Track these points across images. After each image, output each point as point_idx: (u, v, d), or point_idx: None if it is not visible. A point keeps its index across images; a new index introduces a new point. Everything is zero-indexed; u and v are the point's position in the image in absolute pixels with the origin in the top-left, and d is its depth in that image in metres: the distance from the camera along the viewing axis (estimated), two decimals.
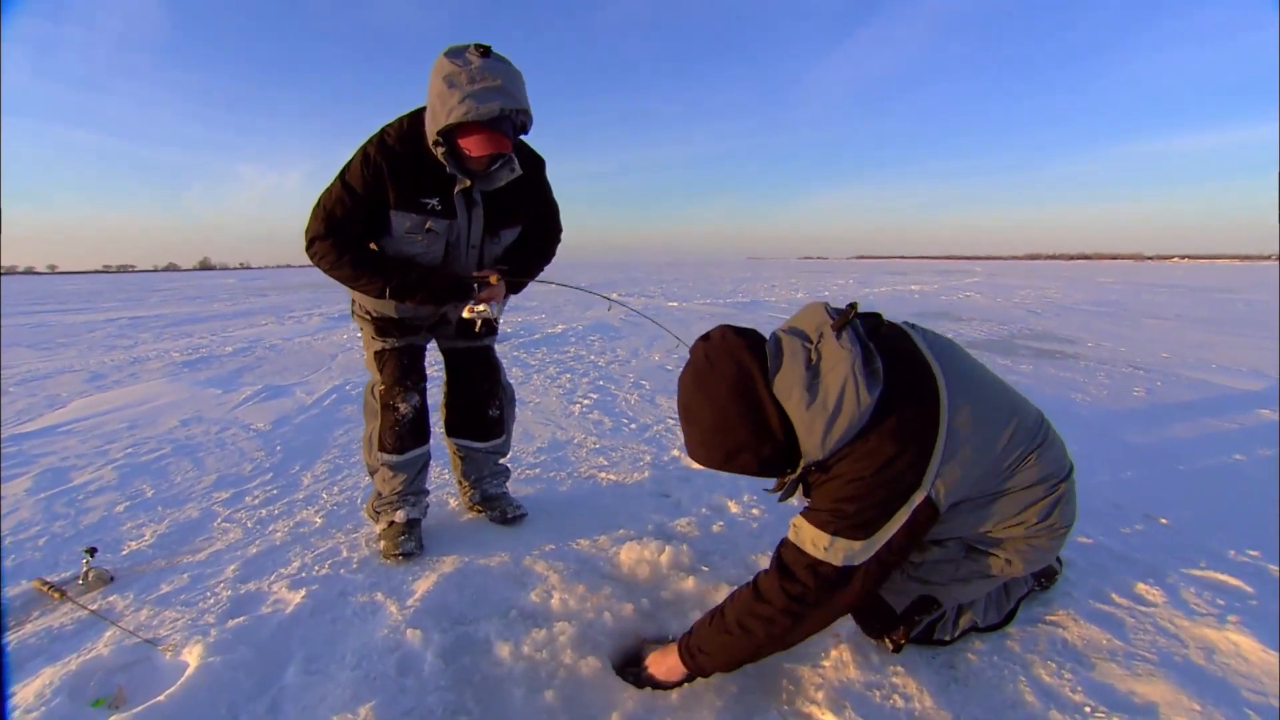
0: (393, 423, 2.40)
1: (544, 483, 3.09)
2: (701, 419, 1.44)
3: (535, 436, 3.85)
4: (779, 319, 10.29)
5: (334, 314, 11.96)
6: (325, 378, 5.67)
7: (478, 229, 2.13)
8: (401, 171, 1.98)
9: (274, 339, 8.36)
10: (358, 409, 4.49)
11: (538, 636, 1.80)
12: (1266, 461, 3.34)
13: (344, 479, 3.14)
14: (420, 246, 2.09)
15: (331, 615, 1.94)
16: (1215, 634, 1.79)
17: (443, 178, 2.01)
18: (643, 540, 2.32)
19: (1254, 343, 7.64)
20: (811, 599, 1.45)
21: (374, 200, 2.00)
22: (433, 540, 2.46)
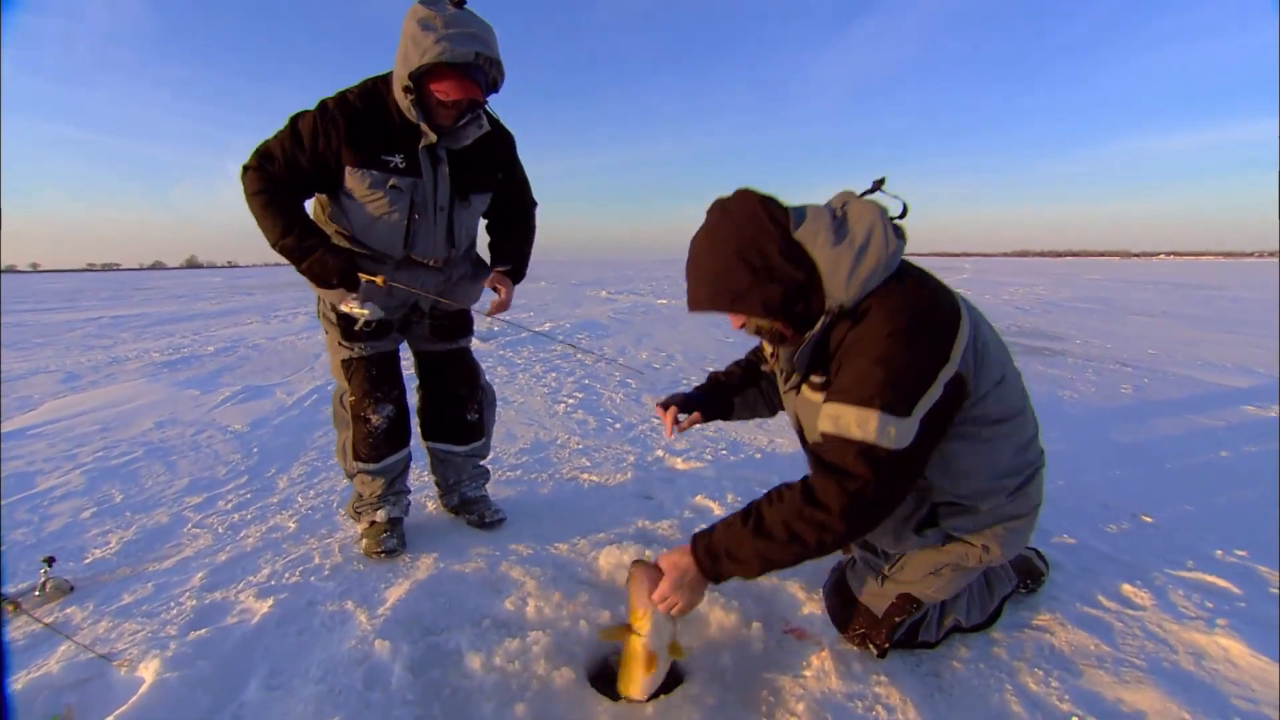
0: (365, 434, 2.33)
1: (525, 485, 3.02)
2: (710, 260, 1.42)
3: (518, 437, 3.79)
4: None
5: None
6: (307, 378, 5.58)
7: (444, 189, 2.03)
8: (362, 127, 1.90)
9: (257, 338, 8.25)
10: None
11: (510, 647, 1.75)
12: (1253, 458, 3.32)
13: (320, 482, 3.07)
14: (384, 207, 1.97)
15: (299, 626, 1.87)
16: (1204, 638, 1.76)
17: (407, 134, 1.93)
18: (623, 544, 2.27)
19: (1239, 339, 7.67)
20: (873, 494, 1.30)
21: (323, 155, 1.90)
22: (409, 545, 2.39)
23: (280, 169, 1.92)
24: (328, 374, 5.68)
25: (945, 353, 1.31)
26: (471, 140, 2.00)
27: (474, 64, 1.81)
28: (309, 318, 10.89)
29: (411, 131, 1.94)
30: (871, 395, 1.28)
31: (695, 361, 6.09)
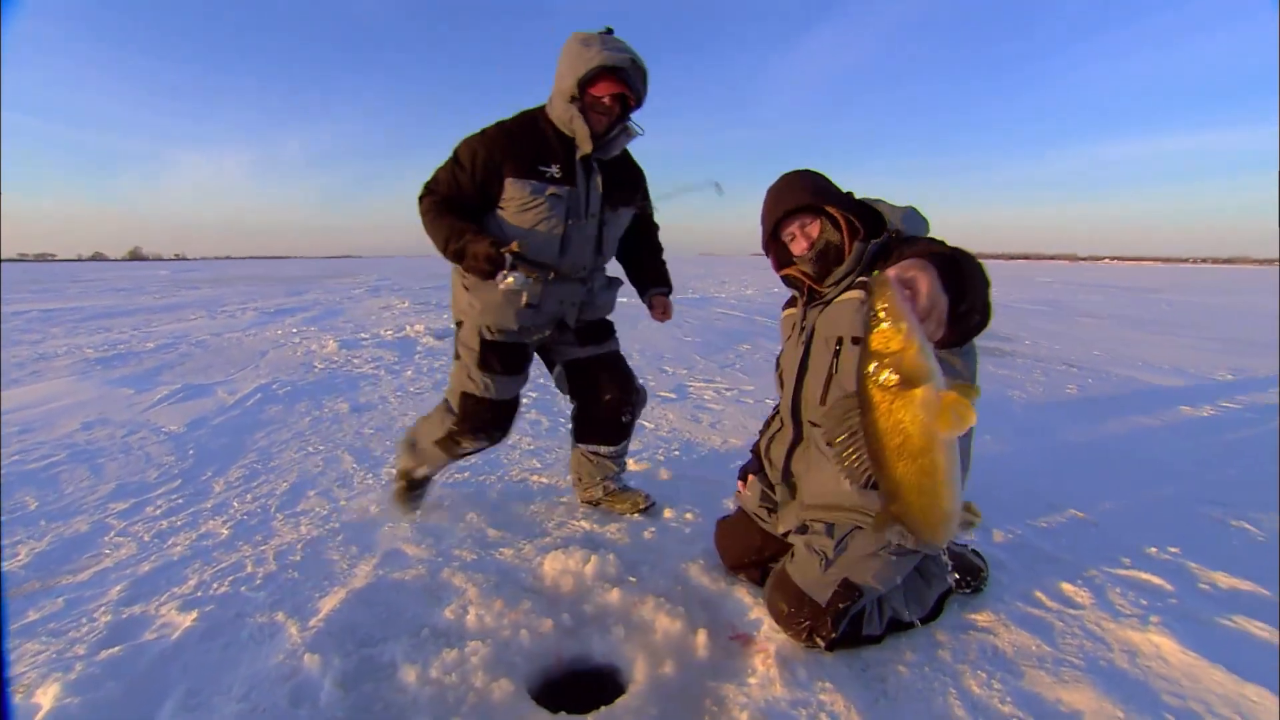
0: (449, 448, 2.44)
1: (473, 486, 2.95)
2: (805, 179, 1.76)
3: None
4: (730, 314, 10.30)
5: (270, 308, 11.49)
6: (252, 376, 5.38)
7: (596, 198, 2.16)
8: (520, 144, 2.10)
9: (201, 334, 7.94)
10: (283, 410, 4.27)
11: (448, 658, 1.68)
12: (1186, 456, 3.44)
13: (259, 485, 2.95)
14: (543, 213, 2.10)
15: (224, 640, 1.77)
16: (1138, 636, 1.79)
17: (563, 148, 2.12)
18: (568, 549, 2.22)
19: (1175, 340, 7.99)
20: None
21: (484, 172, 2.09)
22: (349, 550, 2.31)
23: (445, 190, 2.14)
24: (274, 373, 5.49)
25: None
26: (620, 151, 2.20)
27: (628, 70, 2.05)
28: (257, 313, 10.55)
29: (567, 145, 2.12)
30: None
31: (652, 361, 6.06)
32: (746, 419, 4.12)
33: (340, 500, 2.79)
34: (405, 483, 2.60)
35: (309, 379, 5.26)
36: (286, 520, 2.58)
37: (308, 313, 10.71)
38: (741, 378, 5.47)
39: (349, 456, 3.36)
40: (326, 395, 4.71)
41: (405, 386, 5.05)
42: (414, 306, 11.74)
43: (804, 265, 1.80)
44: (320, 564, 2.22)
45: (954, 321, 1.15)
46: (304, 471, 3.13)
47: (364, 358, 6.24)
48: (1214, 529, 2.56)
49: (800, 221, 1.76)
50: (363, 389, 4.96)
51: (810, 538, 1.77)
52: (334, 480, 3.03)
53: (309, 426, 3.90)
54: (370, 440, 3.66)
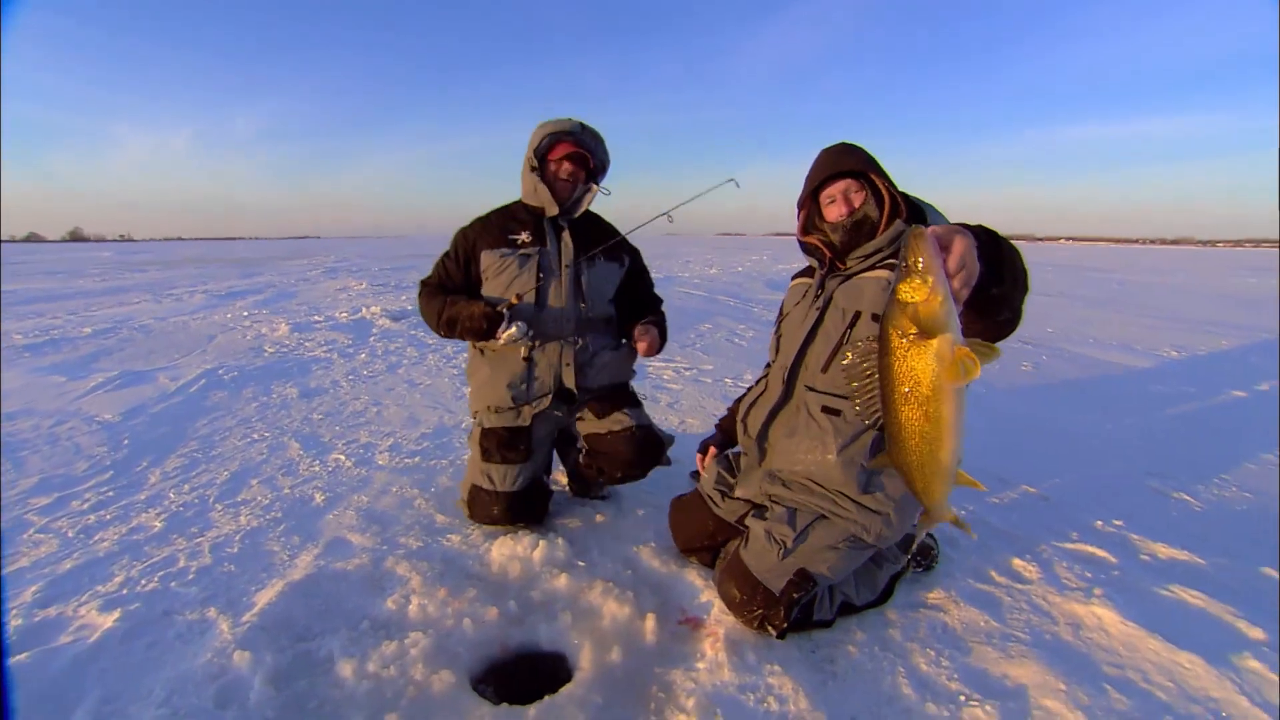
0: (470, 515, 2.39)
1: (423, 472, 2.87)
2: (860, 152, 1.71)
3: (420, 421, 3.62)
4: (692, 294, 10.27)
5: (220, 291, 11.07)
6: (197, 361, 5.17)
7: (569, 251, 2.23)
8: (492, 223, 2.28)
9: (145, 318, 7.61)
10: (228, 396, 4.11)
11: (387, 651, 1.62)
12: (1131, 430, 3.53)
13: (198, 475, 2.82)
14: (513, 271, 2.19)
15: (148, 640, 1.68)
16: (1082, 608, 1.82)
17: (531, 217, 2.26)
18: (517, 534, 2.17)
19: (1123, 318, 8.23)
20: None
21: (464, 254, 2.26)
22: (290, 540, 2.23)
23: (435, 279, 2.33)
24: (221, 358, 5.29)
25: None
26: (585, 204, 2.29)
27: (578, 135, 2.25)
28: (207, 296, 10.16)
29: (536, 215, 2.27)
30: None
31: None
32: (704, 398, 4.10)
33: (284, 489, 2.69)
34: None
35: (258, 364, 5.08)
36: (225, 511, 2.47)
37: (260, 295, 10.35)
38: (701, 357, 5.45)
39: (295, 443, 3.25)
40: (275, 380, 4.56)
41: (358, 370, 4.91)
42: (371, 288, 11.45)
43: (834, 233, 1.75)
44: (259, 556, 2.14)
45: (985, 307, 1.20)
46: (247, 460, 3.01)
47: (316, 341, 6.07)
48: (1156, 501, 2.62)
49: (847, 186, 1.73)
50: (314, 373, 4.82)
51: (770, 524, 1.74)
52: (278, 468, 2.92)
53: (255, 413, 3.76)
54: (319, 426, 3.54)
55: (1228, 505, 2.60)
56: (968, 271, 1.03)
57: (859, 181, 1.72)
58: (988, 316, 1.26)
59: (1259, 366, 5.32)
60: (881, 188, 1.70)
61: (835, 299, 1.72)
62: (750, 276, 13.92)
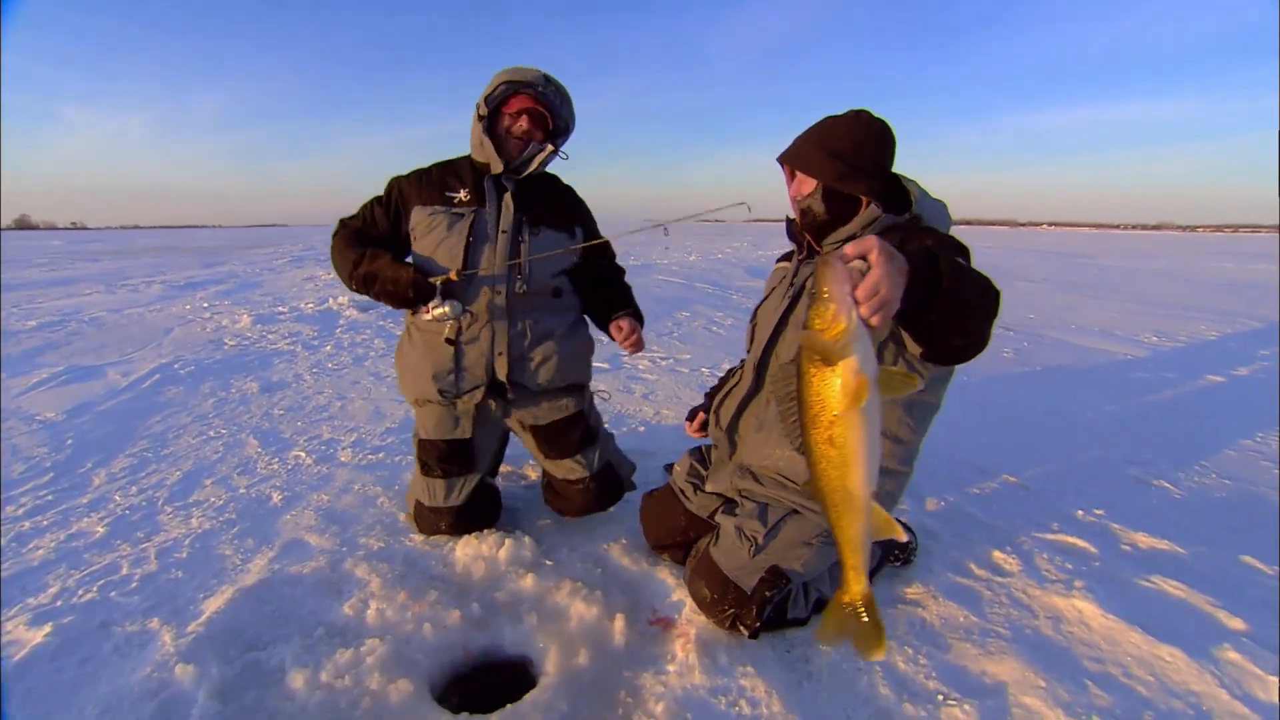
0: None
1: (387, 468, 2.80)
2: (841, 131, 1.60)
3: (386, 415, 3.54)
4: (670, 281, 10.23)
5: (179, 281, 10.80)
6: (152, 355, 5.02)
7: (508, 215, 2.00)
8: (432, 177, 2.07)
9: (97, 310, 7.38)
10: (184, 391, 4.00)
11: (342, 659, 1.57)
12: (1112, 417, 3.56)
13: (147, 476, 2.72)
14: (441, 233, 1.98)
15: (82, 655, 1.61)
16: (1063, 601, 1.82)
17: (474, 173, 2.05)
18: (482, 533, 2.12)
19: (1105, 304, 8.33)
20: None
21: (396, 205, 2.07)
22: (243, 543, 2.16)
23: (357, 223, 2.10)
24: (178, 351, 5.15)
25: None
26: (537, 164, 2.03)
27: (540, 88, 2.00)
28: (165, 287, 9.91)
29: (479, 172, 2.05)
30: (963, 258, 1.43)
31: None
32: (681, 389, 4.07)
33: (240, 488, 2.61)
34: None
35: (217, 357, 4.95)
36: (175, 513, 2.39)
37: (221, 285, 10.13)
38: (678, 346, 5.42)
39: (254, 440, 3.16)
40: (235, 374, 4.45)
41: (323, 363, 4.80)
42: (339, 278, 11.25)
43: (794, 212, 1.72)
44: (209, 560, 2.07)
45: (926, 334, 1.21)
46: (201, 458, 2.92)
47: (280, 333, 5.94)
48: (1136, 489, 2.64)
49: (800, 175, 1.67)
50: (276, 366, 4.71)
51: (741, 520, 1.70)
52: (234, 467, 2.83)
53: (212, 409, 3.66)
54: (279, 421, 3.45)
55: (1207, 492, 2.62)
56: (879, 297, 0.99)
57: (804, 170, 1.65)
58: (933, 343, 1.26)
59: (1238, 351, 5.41)
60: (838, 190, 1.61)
61: (807, 286, 1.68)
62: (730, 263, 13.89)
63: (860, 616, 1.16)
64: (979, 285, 1.22)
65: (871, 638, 1.16)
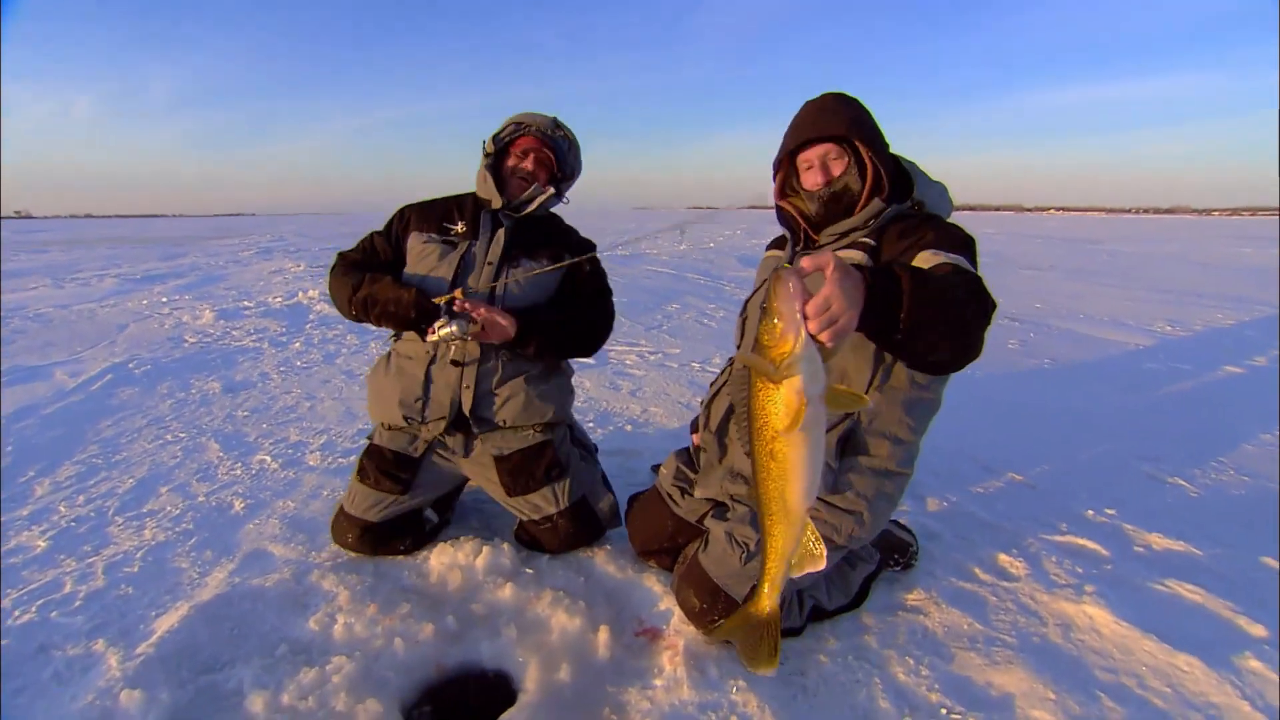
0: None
1: None
2: (854, 107, 1.65)
3: (358, 416, 3.51)
4: (659, 272, 10.21)
5: (135, 274, 10.68)
6: (104, 354, 4.95)
7: (498, 248, 2.10)
8: (435, 207, 2.21)
9: (43, 306, 7.28)
10: (139, 392, 3.94)
11: (305, 679, 1.55)
12: (1122, 412, 3.58)
13: (97, 484, 2.67)
14: (431, 262, 2.08)
15: (17, 684, 1.57)
16: (1072, 607, 1.82)
17: (475, 207, 2.17)
18: (458, 540, 2.10)
19: (1115, 292, 8.39)
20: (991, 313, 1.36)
21: (397, 234, 2.18)
22: (201, 555, 2.13)
23: (355, 254, 2.21)
24: (132, 350, 5.09)
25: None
26: (536, 205, 2.14)
27: (547, 133, 2.14)
28: (119, 280, 9.78)
29: (480, 206, 2.17)
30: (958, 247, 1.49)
31: None
32: (669, 385, 4.06)
33: (199, 496, 2.57)
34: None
35: (176, 355, 4.90)
36: (127, 525, 2.35)
37: (182, 279, 10.02)
38: (667, 340, 5.41)
39: (215, 444, 3.12)
40: (196, 373, 4.40)
41: (291, 361, 4.76)
42: (310, 270, 11.15)
43: (808, 203, 1.69)
44: (163, 575, 2.04)
45: (896, 350, 1.24)
46: (157, 464, 2.88)
47: (245, 329, 5.89)
48: (1149, 487, 2.64)
49: (827, 151, 1.66)
50: (240, 365, 4.67)
51: (731, 525, 1.69)
52: (193, 472, 2.80)
53: (170, 411, 3.61)
54: (243, 424, 3.42)
55: (1225, 490, 2.63)
56: (829, 313, 1.01)
57: (841, 146, 1.64)
58: (907, 359, 1.31)
59: (1256, 341, 5.45)
60: (865, 158, 1.62)
61: (760, 300, 1.67)
62: (722, 252, 13.91)
63: (761, 632, 1.26)
64: (954, 299, 1.22)
65: (764, 654, 1.26)
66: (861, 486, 1.62)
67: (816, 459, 1.11)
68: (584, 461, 2.23)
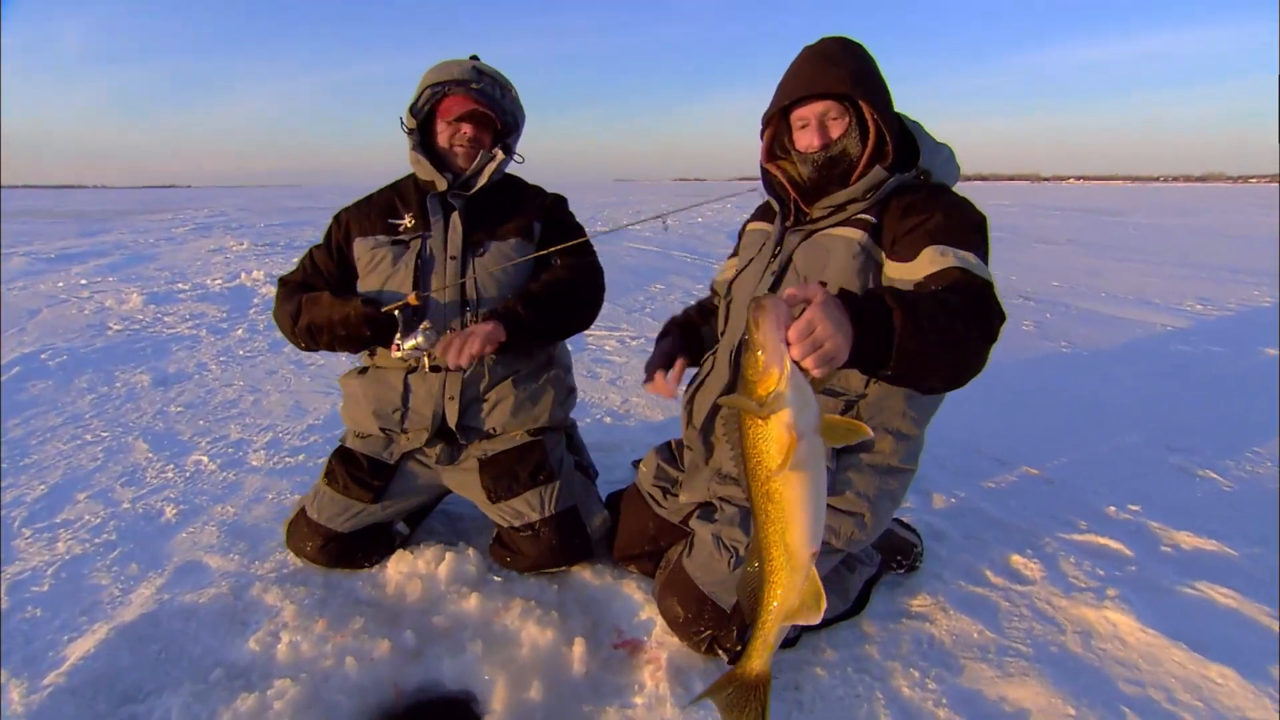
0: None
1: (308, 473, 2.76)
2: (847, 46, 1.60)
3: (308, 410, 3.51)
4: (643, 250, 10.20)
5: (49, 253, 10.48)
6: (11, 343, 4.87)
7: (456, 237, 2.02)
8: (373, 203, 2.14)
9: None
10: (53, 387, 3.88)
11: (244, 706, 1.54)
12: (1147, 400, 3.62)
13: (2, 493, 2.61)
14: (386, 268, 2.01)
15: None
16: (1093, 613, 1.84)
17: (419, 194, 2.09)
18: (418, 547, 2.10)
19: (1140, 267, 8.50)
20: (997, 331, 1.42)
21: (338, 243, 2.11)
22: (125, 569, 2.10)
23: (297, 275, 2.15)
24: (44, 338, 5.02)
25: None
26: (487, 176, 2.05)
27: (475, 84, 2.01)
28: (29, 260, 9.58)
29: (424, 191, 2.08)
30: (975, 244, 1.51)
31: None
32: None
33: (123, 502, 2.54)
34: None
35: (97, 344, 4.85)
36: (36, 537, 2.30)
37: (105, 258, 9.87)
38: (650, 324, 5.42)
39: (143, 443, 3.09)
40: (121, 364, 4.36)
41: (232, 350, 4.74)
42: (255, 248, 11.06)
43: (801, 165, 1.66)
44: (79, 593, 2.00)
45: (893, 380, 1.28)
46: (74, 468, 2.83)
47: (180, 315, 5.85)
48: (1178, 480, 2.68)
49: (826, 109, 1.60)
50: (174, 355, 4.63)
51: (719, 527, 1.69)
52: (117, 476, 2.76)
53: (90, 407, 3.56)
54: (176, 420, 3.39)
55: (1261, 484, 2.67)
56: (813, 338, 1.03)
57: (843, 104, 1.60)
58: (908, 385, 1.39)
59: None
60: (869, 118, 1.59)
61: (796, 261, 1.65)
62: (711, 229, 13.92)
63: (749, 695, 1.24)
64: (952, 332, 1.23)
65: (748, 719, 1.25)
66: (862, 485, 1.62)
67: (819, 498, 1.12)
68: (579, 472, 2.19)
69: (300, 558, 2.10)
